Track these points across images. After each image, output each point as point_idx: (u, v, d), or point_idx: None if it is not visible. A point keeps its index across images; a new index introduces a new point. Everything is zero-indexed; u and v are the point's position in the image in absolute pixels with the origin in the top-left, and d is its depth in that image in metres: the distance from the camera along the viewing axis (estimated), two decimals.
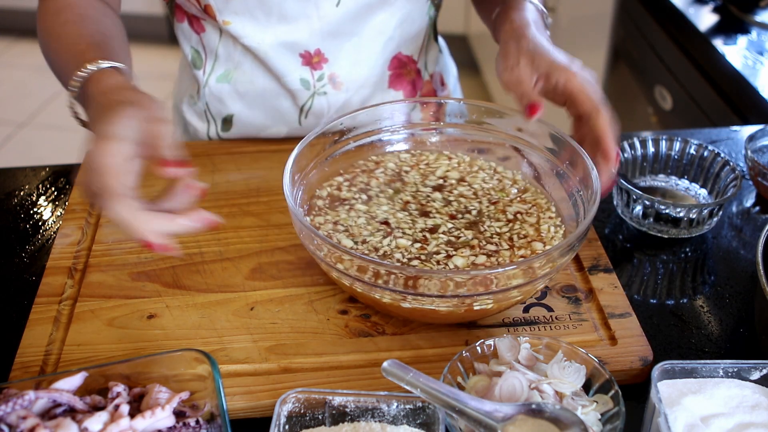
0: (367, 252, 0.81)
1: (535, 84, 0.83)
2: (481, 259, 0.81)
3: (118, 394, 0.65)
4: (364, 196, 0.88)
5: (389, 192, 0.89)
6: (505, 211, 0.87)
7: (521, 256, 0.81)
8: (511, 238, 0.84)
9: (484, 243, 0.83)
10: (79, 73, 0.78)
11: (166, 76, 3.13)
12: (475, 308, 0.74)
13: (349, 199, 0.88)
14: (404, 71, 1.11)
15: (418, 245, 0.81)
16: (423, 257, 0.80)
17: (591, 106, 0.81)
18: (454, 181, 0.91)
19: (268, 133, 1.11)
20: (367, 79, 1.08)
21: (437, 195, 0.89)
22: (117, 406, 0.63)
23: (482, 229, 0.85)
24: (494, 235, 0.84)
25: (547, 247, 0.83)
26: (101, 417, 0.62)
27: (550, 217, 0.87)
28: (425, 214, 0.86)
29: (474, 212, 0.87)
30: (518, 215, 0.87)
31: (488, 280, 0.71)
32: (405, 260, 0.80)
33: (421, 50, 1.13)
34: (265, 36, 1.01)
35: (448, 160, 0.95)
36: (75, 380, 0.66)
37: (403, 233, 0.83)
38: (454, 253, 0.81)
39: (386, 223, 0.84)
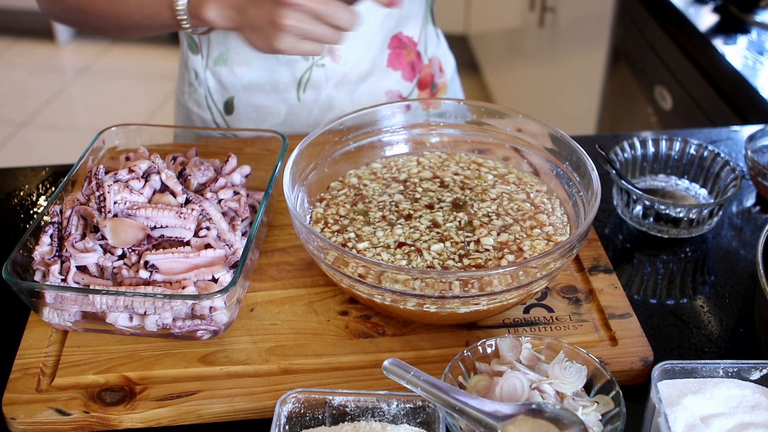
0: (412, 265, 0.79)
1: None
2: (504, 237, 0.81)
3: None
4: (352, 234, 0.83)
5: (361, 218, 0.85)
6: (485, 191, 0.88)
7: (531, 227, 0.82)
8: (508, 213, 0.85)
9: (487, 221, 0.83)
10: None
11: (165, 75, 3.13)
12: (474, 309, 0.74)
13: (346, 244, 0.82)
14: (404, 51, 1.12)
15: (448, 243, 0.81)
16: (462, 252, 0.80)
17: None
18: (417, 180, 0.91)
19: (268, 113, 1.12)
20: (365, 53, 1.09)
21: (399, 197, 0.88)
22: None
23: (472, 211, 0.85)
24: (491, 214, 0.84)
25: (552, 218, 0.84)
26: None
27: (538, 191, 0.89)
28: (408, 217, 0.85)
29: (448, 200, 0.87)
30: (504, 195, 0.88)
31: (489, 280, 0.71)
32: (458, 260, 0.79)
33: (421, 33, 1.14)
34: None
35: (417, 161, 0.94)
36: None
37: (426, 241, 0.81)
38: (474, 236, 0.81)
39: (403, 244, 0.81)
